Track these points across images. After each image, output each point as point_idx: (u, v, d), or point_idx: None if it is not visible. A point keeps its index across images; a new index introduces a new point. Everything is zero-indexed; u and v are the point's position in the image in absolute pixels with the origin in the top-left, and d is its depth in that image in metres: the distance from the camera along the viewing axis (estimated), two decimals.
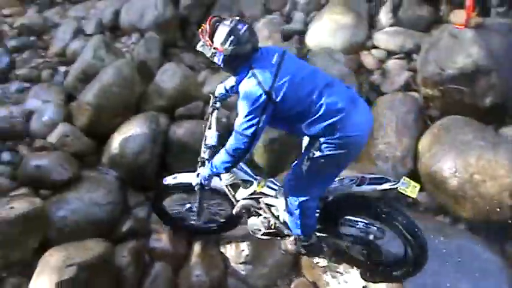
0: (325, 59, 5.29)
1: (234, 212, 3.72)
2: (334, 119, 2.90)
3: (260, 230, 3.73)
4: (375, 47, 5.64)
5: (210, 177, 3.38)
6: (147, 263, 4.17)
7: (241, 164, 3.39)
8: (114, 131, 4.89)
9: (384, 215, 3.22)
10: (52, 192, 4.45)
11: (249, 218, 3.76)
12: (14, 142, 4.96)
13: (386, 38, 5.60)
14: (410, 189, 3.07)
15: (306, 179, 3.14)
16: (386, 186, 3.13)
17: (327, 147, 2.97)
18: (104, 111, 4.89)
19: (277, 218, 3.58)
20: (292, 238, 3.59)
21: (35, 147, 4.88)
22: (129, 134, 4.69)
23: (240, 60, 2.95)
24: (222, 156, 3.14)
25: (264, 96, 2.85)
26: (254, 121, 2.89)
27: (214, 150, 3.39)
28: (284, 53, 3.03)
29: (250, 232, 3.82)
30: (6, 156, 4.80)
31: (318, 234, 3.50)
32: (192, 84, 5.25)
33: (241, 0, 6.56)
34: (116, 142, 4.72)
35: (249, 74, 2.91)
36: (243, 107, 2.92)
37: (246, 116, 2.90)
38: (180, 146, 4.79)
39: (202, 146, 3.50)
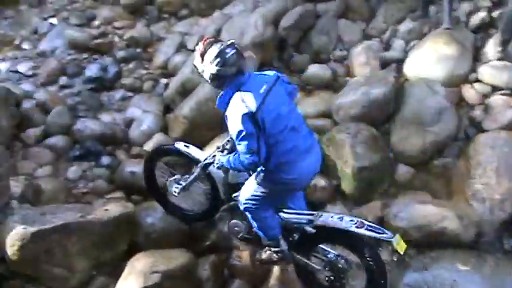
0: (423, 90, 5.12)
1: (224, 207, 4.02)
2: (284, 160, 3.24)
3: (240, 233, 3.89)
4: (479, 81, 5.35)
5: (222, 166, 3.55)
6: (226, 278, 4.23)
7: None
8: (206, 144, 5.06)
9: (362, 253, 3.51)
10: (143, 198, 4.66)
11: (231, 219, 3.93)
12: (113, 147, 5.28)
13: (492, 72, 5.31)
14: (400, 246, 3.40)
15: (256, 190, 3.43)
16: (383, 236, 3.39)
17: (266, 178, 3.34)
18: (198, 125, 5.07)
19: None
20: (266, 247, 3.77)
21: (132, 154, 5.15)
22: None
23: (225, 80, 3.23)
24: (237, 162, 3.28)
25: (250, 114, 3.07)
26: (250, 135, 3.08)
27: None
28: (273, 84, 3.27)
29: (229, 233, 4.02)
30: (105, 160, 5.11)
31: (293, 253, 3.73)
32: None
33: (340, 25, 6.54)
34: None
35: (236, 96, 3.15)
36: (234, 128, 3.10)
37: (239, 134, 3.08)
38: None
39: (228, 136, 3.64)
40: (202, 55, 3.25)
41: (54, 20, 7.50)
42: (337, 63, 6.33)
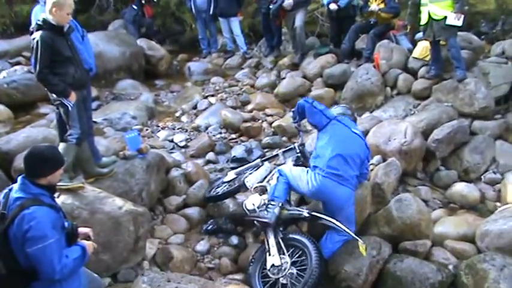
0: None
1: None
2: None
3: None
4: None
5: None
6: None
7: None
8: None
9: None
10: None
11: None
12: (243, 229, 5.36)
13: None
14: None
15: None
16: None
17: None
18: None
19: None
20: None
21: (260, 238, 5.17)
22: (349, 254, 4.67)
23: None
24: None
25: None
26: None
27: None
28: None
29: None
30: (234, 239, 5.20)
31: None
32: (424, 220, 5.00)
33: (498, 146, 6.19)
34: (334, 258, 4.73)
35: None
36: None
37: None
38: (396, 281, 4.56)
39: None
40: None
41: (213, 100, 8.15)
42: (487, 186, 5.96)
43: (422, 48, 7.54)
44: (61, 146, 4.54)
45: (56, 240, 2.99)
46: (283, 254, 4.48)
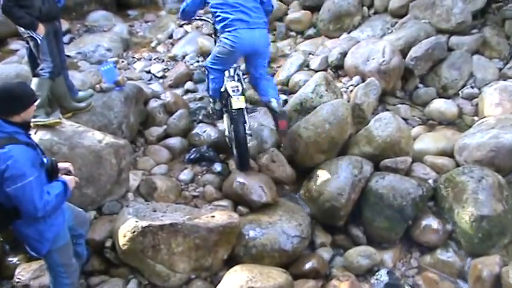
0: None
1: None
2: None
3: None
4: None
5: None
6: None
7: None
8: (316, 166, 5.01)
9: None
10: (249, 211, 4.72)
11: None
12: (226, 156, 5.40)
13: None
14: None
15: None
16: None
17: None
18: (312, 145, 5.03)
19: None
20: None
21: None
22: (331, 175, 4.76)
23: None
24: None
25: None
26: None
27: None
28: None
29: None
30: (218, 166, 5.25)
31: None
32: (404, 137, 5.08)
33: (475, 61, 6.18)
34: (316, 179, 4.83)
35: None
36: None
37: None
38: (378, 198, 4.69)
39: None
40: None
41: (188, 28, 7.92)
42: (465, 101, 6.01)
43: None
44: (34, 81, 4.43)
45: (36, 177, 2.98)
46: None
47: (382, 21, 7.13)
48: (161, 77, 6.73)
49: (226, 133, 5.19)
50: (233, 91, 4.84)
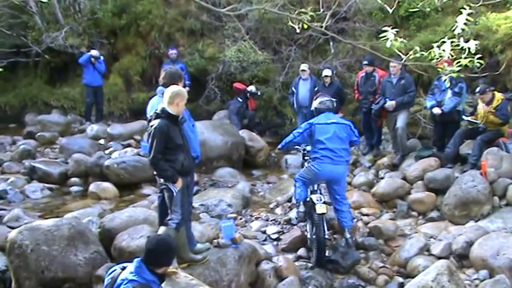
0: None
1: None
2: None
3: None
4: None
5: None
6: None
7: None
8: None
9: None
10: None
11: None
12: None
13: None
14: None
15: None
16: None
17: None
18: None
19: None
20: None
21: None
22: None
23: None
24: None
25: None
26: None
27: None
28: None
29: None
30: None
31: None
32: None
33: None
34: None
35: None
36: None
37: None
38: None
39: None
40: None
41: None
42: None
43: None
44: (160, 230, 4.68)
45: None
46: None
47: None
48: (275, 239, 6.76)
49: (308, 236, 6.33)
50: (317, 200, 6.11)
